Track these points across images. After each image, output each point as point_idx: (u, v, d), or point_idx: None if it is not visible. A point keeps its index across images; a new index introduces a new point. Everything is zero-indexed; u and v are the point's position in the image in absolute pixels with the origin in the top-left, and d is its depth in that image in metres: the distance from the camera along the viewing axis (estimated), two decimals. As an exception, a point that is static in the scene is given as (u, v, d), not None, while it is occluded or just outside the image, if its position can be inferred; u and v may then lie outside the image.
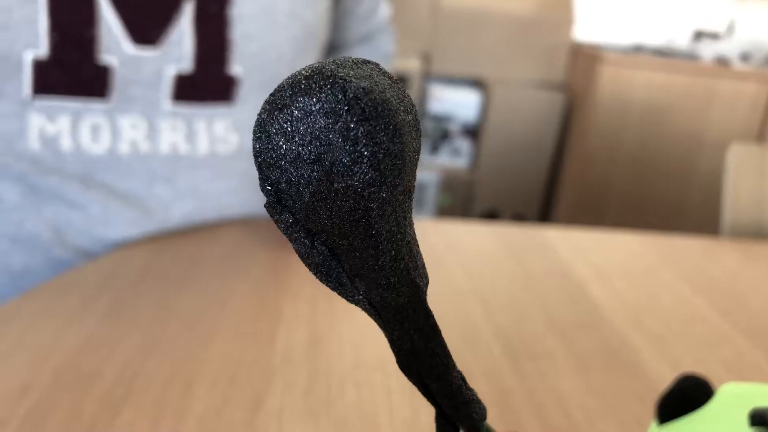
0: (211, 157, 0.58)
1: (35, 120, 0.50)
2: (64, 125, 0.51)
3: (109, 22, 0.49)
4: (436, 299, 0.51)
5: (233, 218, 0.63)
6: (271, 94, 0.12)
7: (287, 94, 0.12)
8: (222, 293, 0.48)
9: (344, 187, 0.12)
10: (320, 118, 0.11)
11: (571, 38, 2.12)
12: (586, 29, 2.27)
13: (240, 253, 0.56)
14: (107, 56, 0.50)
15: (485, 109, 2.09)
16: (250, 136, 0.60)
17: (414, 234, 0.13)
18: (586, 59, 2.04)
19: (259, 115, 0.12)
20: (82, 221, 0.54)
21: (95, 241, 0.56)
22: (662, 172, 2.04)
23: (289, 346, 0.42)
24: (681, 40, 2.33)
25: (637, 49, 2.23)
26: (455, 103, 2.10)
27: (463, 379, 0.14)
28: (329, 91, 0.11)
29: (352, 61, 0.12)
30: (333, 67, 0.11)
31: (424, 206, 2.21)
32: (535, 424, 0.37)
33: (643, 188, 2.05)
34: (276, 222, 0.12)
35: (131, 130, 0.54)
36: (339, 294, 0.13)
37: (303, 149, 0.12)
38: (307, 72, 0.12)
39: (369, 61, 0.12)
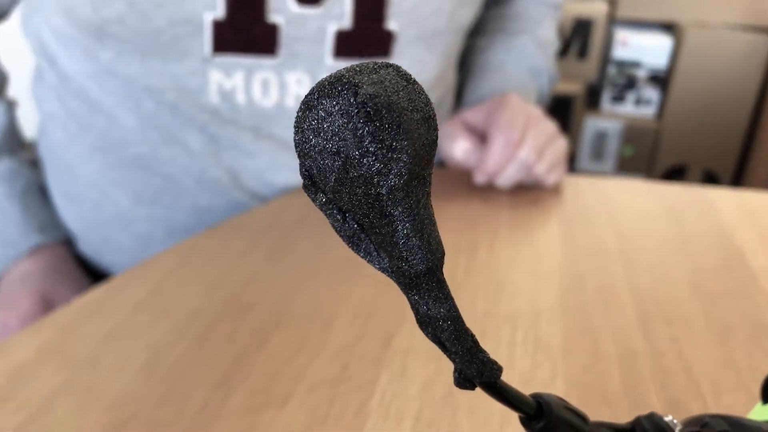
0: (368, 110, 0.61)
1: (215, 76, 0.56)
2: (239, 80, 0.57)
3: None
4: (576, 256, 0.51)
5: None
6: (306, 95, 0.15)
7: (315, 97, 0.14)
8: (369, 239, 0.52)
9: (357, 176, 0.14)
10: (338, 118, 0.14)
11: (785, -27, 1.88)
12: (805, -39, 2.00)
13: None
14: (275, 15, 0.55)
15: (676, 54, 1.94)
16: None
17: (430, 215, 0.15)
18: (801, -3, 1.81)
19: (297, 112, 0.15)
20: (254, 168, 0.61)
21: (266, 186, 0.62)
22: None
23: (423, 293, 0.45)
24: None
25: None
26: (643, 48, 1.97)
27: (474, 341, 0.15)
28: (345, 95, 0.14)
29: (372, 66, 0.14)
30: (351, 73, 0.14)
31: (605, 157, 2.12)
32: (656, 389, 0.37)
33: None
34: (312, 201, 0.15)
35: (296, 86, 0.58)
36: (368, 262, 0.16)
37: (326, 143, 0.14)
38: (331, 78, 0.14)
39: (390, 65, 0.14)
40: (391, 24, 0.58)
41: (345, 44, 0.58)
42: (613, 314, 0.44)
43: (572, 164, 2.01)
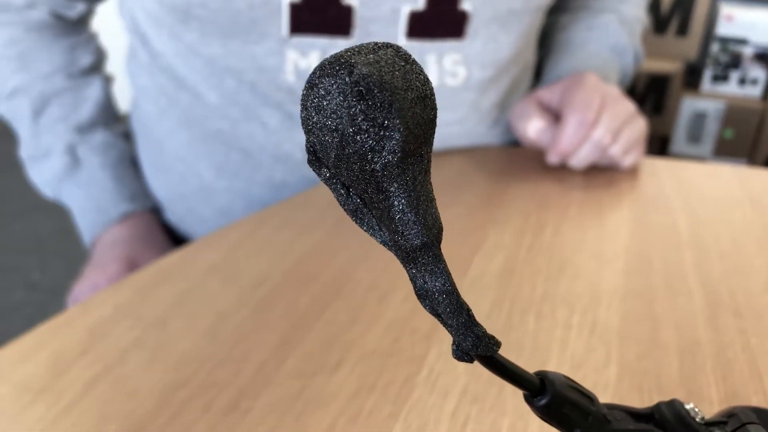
0: (440, 89, 0.61)
1: (291, 55, 0.58)
2: (314, 60, 0.58)
3: None
4: (644, 240, 0.50)
5: (458, 147, 0.66)
6: (310, 74, 0.15)
7: (317, 75, 0.15)
8: (434, 217, 0.53)
9: (352, 152, 0.15)
10: (336, 96, 0.15)
11: None
12: None
13: (459, 181, 0.60)
14: (350, -3, 0.56)
15: (788, 31, 1.81)
16: (477, 69, 0.62)
17: (428, 192, 0.16)
18: None
19: (303, 90, 0.15)
20: (327, 144, 0.62)
21: (339, 162, 0.63)
22: None
23: (482, 272, 0.45)
24: None
25: None
26: (750, 24, 1.85)
27: (470, 315, 0.16)
28: (341, 74, 0.14)
29: (372, 47, 0.15)
30: (350, 53, 0.14)
31: (703, 140, 2.02)
32: (715, 380, 0.36)
33: None
34: (317, 175, 0.16)
35: (370, 65, 0.59)
36: (371, 236, 0.16)
37: (326, 120, 0.15)
38: (331, 58, 0.15)
39: (390, 45, 0.15)
40: (466, 4, 0.58)
41: (418, 25, 0.58)
42: (679, 302, 0.43)
43: (667, 147, 1.92)
